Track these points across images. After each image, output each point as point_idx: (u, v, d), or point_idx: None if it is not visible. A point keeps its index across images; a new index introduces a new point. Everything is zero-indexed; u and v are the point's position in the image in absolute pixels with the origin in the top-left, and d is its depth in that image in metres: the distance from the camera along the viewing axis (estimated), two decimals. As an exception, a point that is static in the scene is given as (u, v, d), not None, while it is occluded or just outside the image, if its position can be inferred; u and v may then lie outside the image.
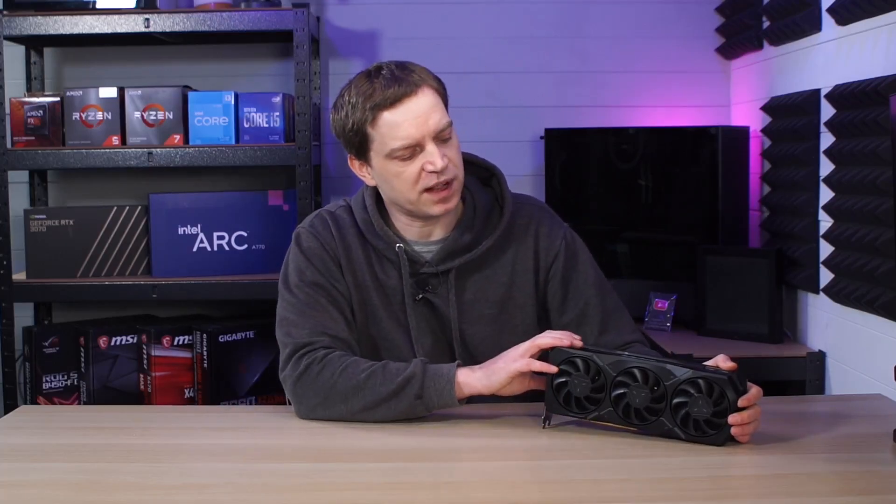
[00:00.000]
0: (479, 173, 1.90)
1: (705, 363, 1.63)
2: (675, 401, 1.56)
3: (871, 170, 2.21)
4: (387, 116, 1.73)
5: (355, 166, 1.83)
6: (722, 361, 1.62)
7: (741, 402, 1.54)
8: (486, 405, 1.81)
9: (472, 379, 1.67)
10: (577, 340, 1.65)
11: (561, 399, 1.63)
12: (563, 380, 1.62)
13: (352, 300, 1.83)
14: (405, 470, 1.49)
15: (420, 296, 1.83)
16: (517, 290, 1.86)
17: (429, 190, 1.74)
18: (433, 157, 1.72)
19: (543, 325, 1.88)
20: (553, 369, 1.63)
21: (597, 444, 1.59)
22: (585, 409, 1.62)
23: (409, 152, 1.73)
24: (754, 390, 1.57)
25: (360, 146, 1.78)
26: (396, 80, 1.73)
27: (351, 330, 1.81)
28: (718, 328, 2.80)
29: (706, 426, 1.55)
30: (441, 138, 1.74)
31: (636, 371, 1.59)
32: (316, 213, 1.89)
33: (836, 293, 2.40)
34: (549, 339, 1.65)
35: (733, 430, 1.54)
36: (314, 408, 1.72)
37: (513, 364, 1.66)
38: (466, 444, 1.62)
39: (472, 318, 1.84)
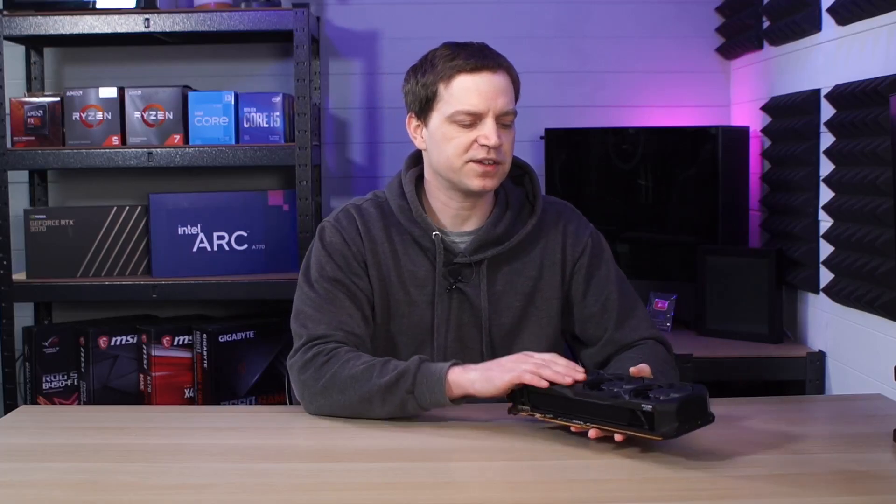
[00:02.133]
0: (512, 171, 1.94)
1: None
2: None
3: (871, 170, 2.21)
4: (463, 79, 1.79)
5: (411, 127, 1.89)
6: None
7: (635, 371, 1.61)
8: (486, 405, 1.81)
9: (463, 379, 1.66)
10: (579, 374, 1.61)
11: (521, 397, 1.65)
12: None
13: (373, 296, 1.85)
14: (405, 470, 1.49)
15: (452, 285, 1.84)
16: (545, 283, 1.90)
17: (475, 162, 1.79)
18: (490, 131, 1.77)
19: (566, 316, 1.93)
20: (544, 384, 1.61)
21: (596, 444, 1.59)
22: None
23: (470, 119, 1.79)
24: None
25: (426, 103, 1.83)
26: (482, 53, 1.81)
27: (367, 326, 1.83)
28: (718, 328, 2.80)
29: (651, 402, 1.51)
30: (502, 122, 1.80)
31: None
32: (342, 208, 1.92)
33: (836, 293, 2.40)
34: (550, 373, 1.61)
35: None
36: (314, 396, 1.74)
37: (508, 374, 1.64)
38: (466, 444, 1.62)
39: (501, 309, 1.88)
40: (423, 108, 1.84)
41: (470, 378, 1.66)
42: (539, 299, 1.90)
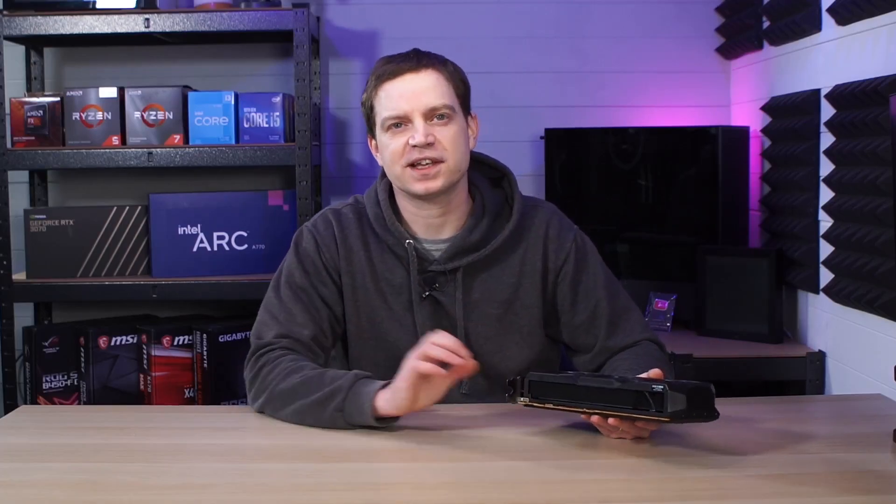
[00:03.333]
0: (491, 174, 1.92)
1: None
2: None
3: (871, 170, 2.21)
4: (386, 87, 1.79)
5: (372, 146, 1.88)
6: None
7: (653, 373, 1.56)
8: (487, 406, 1.81)
9: (381, 401, 1.62)
10: (457, 358, 1.59)
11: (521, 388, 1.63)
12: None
13: (344, 304, 1.85)
14: (406, 470, 1.49)
15: (427, 293, 1.83)
16: (524, 291, 1.86)
17: (412, 166, 1.77)
18: (416, 131, 1.76)
19: (551, 326, 1.89)
20: (440, 371, 1.57)
21: (597, 444, 1.59)
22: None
23: (398, 122, 1.78)
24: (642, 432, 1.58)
25: (370, 121, 1.84)
26: (408, 58, 1.81)
27: (319, 335, 1.82)
28: (718, 328, 2.80)
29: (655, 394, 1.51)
30: (434, 117, 1.78)
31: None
32: (322, 213, 1.91)
33: (836, 293, 2.40)
34: (437, 351, 1.59)
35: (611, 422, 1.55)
36: (263, 407, 1.76)
37: (404, 380, 1.60)
38: (467, 444, 1.62)
39: (478, 318, 1.85)
40: (370, 125, 1.85)
41: (385, 397, 1.62)
42: (518, 307, 1.86)
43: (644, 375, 1.59)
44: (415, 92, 1.77)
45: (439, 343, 1.60)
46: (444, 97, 1.78)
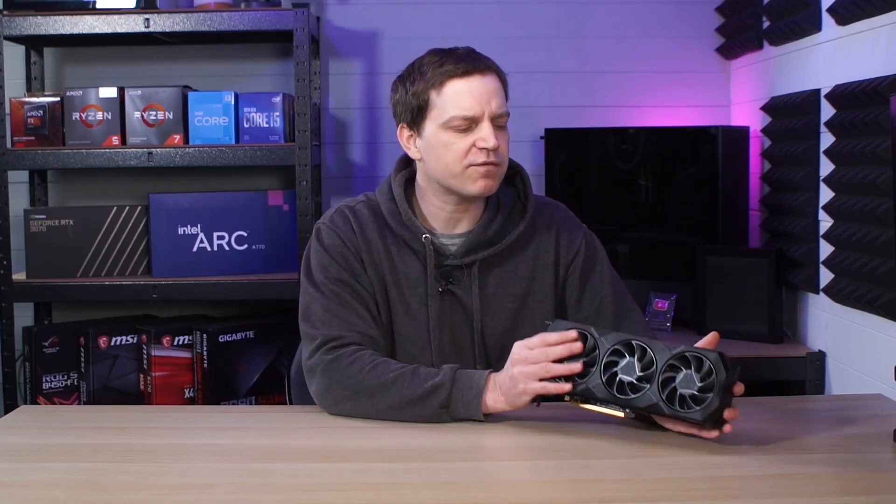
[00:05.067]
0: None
1: (697, 344, 1.64)
2: (664, 376, 1.56)
3: (871, 170, 2.21)
4: (455, 84, 1.78)
5: (403, 137, 1.87)
6: (712, 339, 1.64)
7: (737, 390, 1.57)
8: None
9: (491, 399, 1.67)
10: (576, 346, 1.63)
11: None
12: None
13: (375, 295, 1.85)
14: (405, 470, 1.49)
15: (444, 287, 1.84)
16: (537, 285, 1.90)
17: (475, 166, 1.78)
18: (487, 134, 1.77)
19: (561, 319, 1.90)
20: (566, 388, 1.61)
21: (597, 443, 1.59)
22: (575, 382, 1.61)
23: (466, 124, 1.78)
24: (741, 385, 1.59)
25: (418, 112, 1.82)
26: (472, 57, 1.81)
27: (377, 326, 1.83)
28: (718, 328, 2.77)
29: (691, 401, 1.54)
30: (497, 124, 1.80)
31: (631, 344, 1.60)
32: (336, 209, 1.91)
33: (836, 293, 2.40)
34: (560, 368, 1.62)
35: (727, 416, 1.56)
36: (340, 399, 1.73)
37: (531, 387, 1.64)
38: (467, 444, 1.62)
39: (493, 311, 1.87)
40: (416, 117, 1.82)
41: (497, 397, 1.67)
42: (532, 301, 1.89)
43: (700, 344, 1.62)
44: (486, 94, 1.79)
45: (558, 368, 1.62)
46: (505, 104, 1.83)
